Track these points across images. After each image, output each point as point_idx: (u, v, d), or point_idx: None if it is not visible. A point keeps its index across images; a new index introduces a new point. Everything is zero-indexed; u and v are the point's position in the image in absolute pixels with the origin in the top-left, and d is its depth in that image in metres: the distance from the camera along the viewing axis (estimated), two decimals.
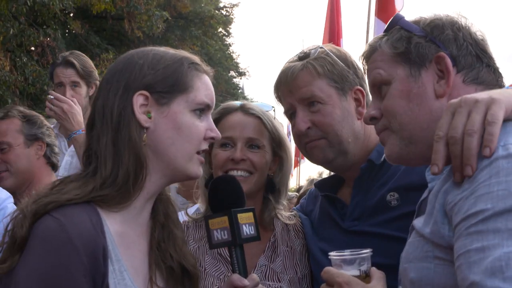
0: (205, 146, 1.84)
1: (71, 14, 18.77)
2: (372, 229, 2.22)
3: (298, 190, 10.31)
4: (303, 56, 2.37)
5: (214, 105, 1.89)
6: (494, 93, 1.51)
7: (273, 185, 2.59)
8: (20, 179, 3.60)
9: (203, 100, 1.82)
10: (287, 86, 2.35)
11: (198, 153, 1.82)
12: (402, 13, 7.44)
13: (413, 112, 1.76)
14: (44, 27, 16.24)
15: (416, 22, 1.83)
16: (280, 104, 2.49)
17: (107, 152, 1.73)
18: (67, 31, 19.84)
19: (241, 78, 35.67)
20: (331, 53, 2.34)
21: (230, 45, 34.21)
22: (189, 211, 2.78)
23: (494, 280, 1.25)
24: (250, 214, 1.98)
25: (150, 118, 1.75)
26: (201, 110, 1.82)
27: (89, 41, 19.43)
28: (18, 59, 15.42)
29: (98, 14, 18.64)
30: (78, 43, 18.83)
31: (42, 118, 3.81)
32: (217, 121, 2.55)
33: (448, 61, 1.74)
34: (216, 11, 29.07)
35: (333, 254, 1.78)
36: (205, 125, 1.83)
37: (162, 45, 1.96)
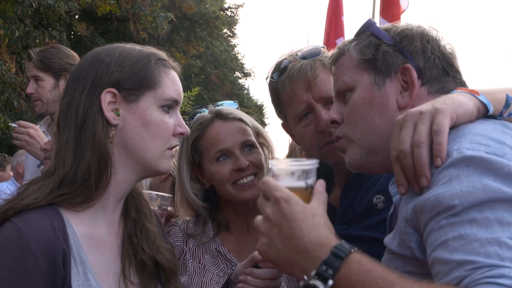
0: (175, 142, 1.84)
1: (76, 16, 18.84)
2: (361, 233, 2.20)
3: None
4: (309, 55, 2.32)
5: (182, 100, 1.88)
6: (438, 102, 1.51)
7: None
8: None
9: (170, 95, 1.81)
10: (306, 83, 2.27)
11: (169, 149, 1.82)
12: (407, 13, 7.36)
13: (374, 121, 1.74)
14: (50, 29, 16.28)
15: (387, 30, 1.81)
16: (280, 107, 2.40)
17: (67, 150, 1.72)
18: (72, 33, 19.92)
19: (246, 79, 35.73)
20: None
21: (235, 46, 34.27)
22: None
23: (491, 260, 1.22)
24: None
25: (118, 115, 1.74)
26: (169, 106, 1.81)
27: (95, 43, 19.47)
28: (23, 61, 15.45)
29: (103, 15, 18.69)
30: (84, 45, 18.90)
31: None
32: (199, 137, 2.53)
33: (414, 74, 1.72)
34: (221, 12, 29.12)
35: (273, 163, 1.54)
36: (174, 121, 1.82)
37: (167, 46, 1.95)
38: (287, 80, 2.31)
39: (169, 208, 2.72)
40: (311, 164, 1.51)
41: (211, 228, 2.58)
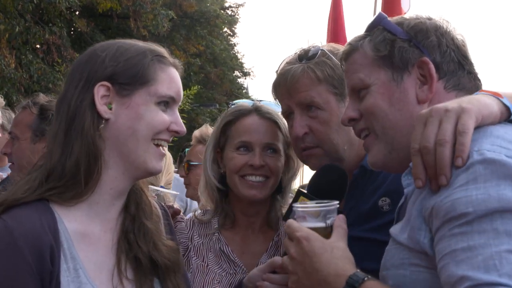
0: (166, 136, 1.81)
1: (77, 12, 18.85)
2: (366, 235, 2.19)
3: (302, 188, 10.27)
4: (303, 56, 2.34)
5: (180, 98, 1.86)
6: (464, 101, 1.50)
7: (280, 186, 2.58)
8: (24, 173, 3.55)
9: (165, 92, 1.78)
10: (286, 88, 2.31)
11: (158, 145, 1.80)
12: (409, 14, 7.40)
13: (394, 117, 1.73)
14: (50, 25, 16.30)
15: (400, 24, 1.78)
16: (278, 103, 2.47)
17: (56, 143, 1.72)
18: (72, 29, 19.91)
19: (245, 78, 35.74)
20: (331, 55, 2.31)
21: (235, 45, 34.27)
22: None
23: (490, 276, 1.25)
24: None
25: (110, 109, 1.73)
26: (166, 103, 1.80)
27: (95, 40, 19.43)
28: (23, 56, 15.47)
29: (104, 12, 18.71)
30: (83, 41, 18.89)
31: None
32: (231, 123, 2.56)
33: (432, 67, 1.70)
34: (222, 11, 29.15)
35: (296, 206, 1.72)
36: (171, 118, 1.81)
37: (167, 44, 1.95)
38: (274, 82, 2.40)
39: (175, 206, 2.73)
40: (331, 205, 1.70)
41: (217, 220, 2.60)
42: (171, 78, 1.82)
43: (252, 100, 2.76)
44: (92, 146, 1.70)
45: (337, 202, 1.70)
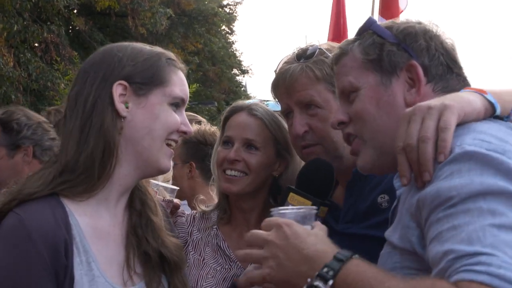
0: (175, 136, 1.87)
1: (75, 11, 18.80)
2: (365, 232, 2.21)
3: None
4: (301, 55, 2.35)
5: (188, 100, 1.94)
6: (447, 98, 1.53)
7: (277, 186, 2.60)
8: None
9: (178, 94, 1.86)
10: (285, 88, 2.34)
11: (168, 145, 1.85)
12: (406, 12, 7.35)
13: (382, 120, 1.74)
14: (48, 23, 16.27)
15: (389, 28, 1.81)
16: (277, 103, 2.49)
17: (71, 138, 1.75)
18: (70, 27, 19.87)
19: (244, 76, 35.65)
20: (329, 54, 2.31)
21: (233, 43, 34.21)
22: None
23: (473, 247, 1.26)
24: (326, 209, 2.09)
25: (127, 108, 1.78)
26: (177, 104, 1.86)
27: (93, 38, 19.45)
28: (21, 55, 15.45)
29: (102, 11, 18.67)
30: (82, 39, 18.89)
31: (19, 115, 3.37)
32: (226, 119, 2.63)
33: (420, 70, 1.72)
34: (220, 9, 29.08)
35: (273, 210, 1.69)
36: (181, 119, 1.87)
37: (165, 42, 1.98)
38: (272, 82, 2.42)
39: (174, 200, 2.77)
40: (309, 209, 1.68)
41: (216, 215, 2.64)
42: (182, 81, 1.90)
43: (266, 101, 2.78)
44: (110, 142, 1.75)
45: (316, 207, 1.71)
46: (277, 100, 2.45)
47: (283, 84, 2.34)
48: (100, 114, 1.75)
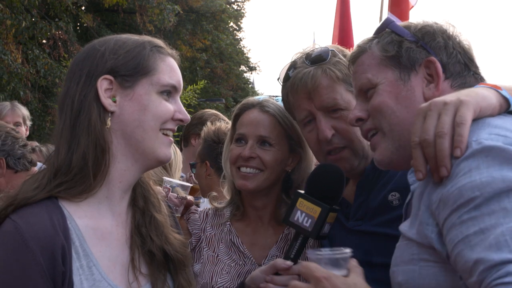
0: (171, 125, 1.83)
1: (83, 8, 18.86)
2: (375, 229, 2.22)
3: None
4: (316, 59, 2.32)
5: (181, 87, 1.89)
6: (462, 94, 1.54)
7: (290, 181, 2.60)
8: None
9: (167, 81, 1.81)
10: (307, 93, 2.29)
11: (165, 135, 1.82)
12: (415, 8, 7.30)
13: (401, 114, 1.77)
14: (56, 20, 16.32)
15: (407, 27, 1.84)
16: (289, 110, 2.44)
17: (62, 139, 1.73)
18: (78, 24, 19.94)
19: (251, 73, 35.74)
20: (341, 56, 2.31)
21: (241, 40, 34.25)
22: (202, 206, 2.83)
23: (501, 254, 1.27)
24: (335, 214, 2.07)
25: (115, 102, 1.75)
26: (168, 92, 1.82)
27: (101, 35, 19.35)
28: (30, 51, 15.51)
29: (110, 7, 18.71)
30: (90, 36, 18.90)
31: None
32: (237, 116, 2.62)
33: (438, 65, 1.75)
34: (228, 6, 29.11)
35: (310, 252, 1.71)
36: (174, 107, 1.83)
37: (173, 39, 1.95)
38: (290, 89, 2.35)
39: (188, 197, 2.79)
40: (345, 253, 1.67)
41: (230, 210, 2.65)
42: (171, 67, 1.85)
43: (275, 96, 2.76)
44: (100, 139, 1.72)
45: (350, 250, 1.69)
46: (292, 108, 2.39)
47: (303, 89, 2.29)
48: (87, 111, 1.72)
